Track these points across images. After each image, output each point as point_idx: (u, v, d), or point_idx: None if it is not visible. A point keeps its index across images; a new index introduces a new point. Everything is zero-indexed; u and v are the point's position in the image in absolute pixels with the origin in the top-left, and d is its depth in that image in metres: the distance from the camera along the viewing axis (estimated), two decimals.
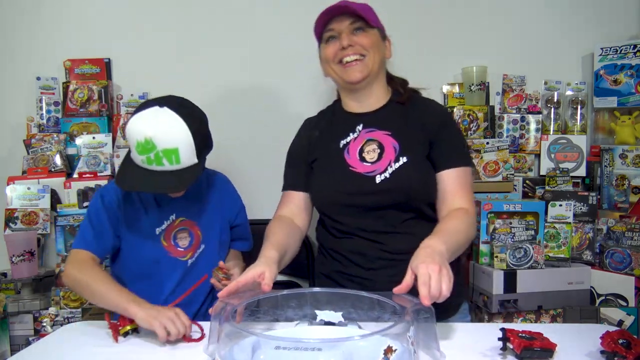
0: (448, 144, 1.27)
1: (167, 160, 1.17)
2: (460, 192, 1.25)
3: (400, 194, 1.22)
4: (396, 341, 0.79)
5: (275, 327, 1.03)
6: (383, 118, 1.31)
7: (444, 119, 1.31)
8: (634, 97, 1.80)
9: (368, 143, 1.28)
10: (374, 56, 1.27)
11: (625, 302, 1.67)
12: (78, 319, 1.68)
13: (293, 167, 1.41)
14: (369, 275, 1.26)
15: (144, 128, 1.16)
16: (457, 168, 1.26)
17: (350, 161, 1.28)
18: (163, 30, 1.91)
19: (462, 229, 1.18)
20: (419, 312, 0.87)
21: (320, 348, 0.74)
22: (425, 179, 1.24)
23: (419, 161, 1.25)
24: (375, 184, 1.23)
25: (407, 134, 1.27)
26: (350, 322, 0.99)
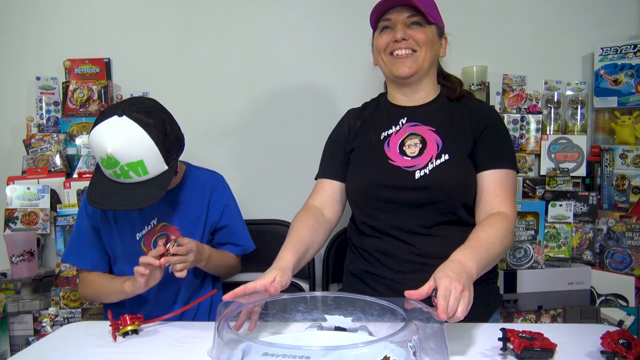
0: (493, 144, 1.23)
1: (134, 173, 1.14)
2: (501, 195, 1.19)
3: (439, 191, 1.19)
4: (396, 351, 0.76)
5: (284, 331, 1.03)
6: (428, 113, 1.28)
7: (492, 121, 1.26)
8: (634, 97, 1.79)
9: (410, 137, 1.26)
10: (426, 53, 1.25)
11: (626, 302, 1.67)
12: (78, 319, 1.68)
13: (330, 155, 1.39)
14: (397, 277, 1.23)
15: (104, 144, 1.12)
16: (500, 170, 1.21)
17: (390, 154, 1.25)
18: (163, 30, 1.91)
19: (497, 240, 1.10)
20: (429, 320, 0.85)
21: (308, 356, 0.71)
22: (465, 179, 1.21)
23: (461, 160, 1.21)
24: (414, 179, 1.20)
25: (451, 132, 1.24)
26: (361, 327, 0.97)
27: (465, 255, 1.01)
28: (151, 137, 1.13)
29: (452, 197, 1.20)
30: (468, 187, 1.22)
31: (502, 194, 1.19)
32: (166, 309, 1.28)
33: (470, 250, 1.03)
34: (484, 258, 1.04)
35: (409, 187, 1.20)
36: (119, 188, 1.16)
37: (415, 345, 0.79)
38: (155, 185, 1.17)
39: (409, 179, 1.21)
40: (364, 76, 1.89)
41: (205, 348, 0.95)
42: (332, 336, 0.98)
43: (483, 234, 1.11)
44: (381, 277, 1.26)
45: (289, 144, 1.92)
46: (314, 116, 1.91)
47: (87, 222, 1.33)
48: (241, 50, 1.91)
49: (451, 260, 0.99)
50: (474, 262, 1.00)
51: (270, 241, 1.88)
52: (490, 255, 1.07)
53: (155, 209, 1.32)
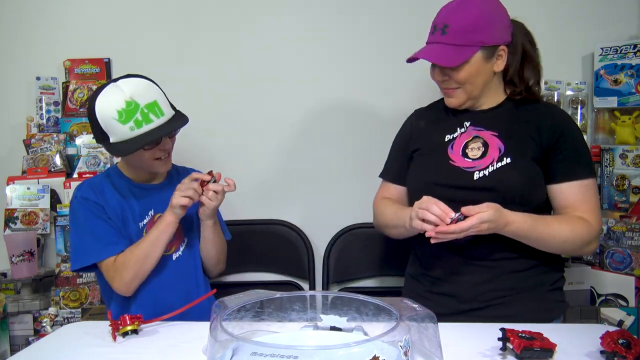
0: (569, 154, 1.21)
1: (153, 115, 1.22)
2: (583, 206, 1.19)
3: (497, 193, 1.18)
4: (386, 350, 0.75)
5: (279, 330, 1.03)
6: (492, 118, 1.27)
7: (565, 127, 1.23)
8: (634, 97, 1.79)
9: (474, 140, 1.26)
10: (472, 86, 1.23)
11: (626, 302, 1.66)
12: (78, 319, 1.68)
13: (394, 158, 1.43)
14: (451, 279, 1.25)
15: (118, 96, 1.20)
16: (580, 181, 1.20)
17: (452, 155, 1.26)
18: (163, 30, 1.91)
19: (563, 227, 1.16)
20: (423, 320, 0.85)
21: (297, 356, 0.71)
22: (527, 182, 1.19)
23: (524, 164, 1.20)
24: (472, 179, 1.21)
25: (515, 136, 1.23)
26: (356, 327, 0.97)
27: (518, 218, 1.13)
28: (152, 82, 1.27)
29: (510, 199, 1.18)
30: (530, 191, 1.20)
31: (585, 205, 1.19)
32: (166, 309, 1.29)
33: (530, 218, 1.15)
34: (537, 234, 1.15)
35: (467, 187, 1.21)
36: (144, 136, 1.22)
37: (407, 345, 0.79)
38: (174, 122, 1.27)
39: (468, 179, 1.21)
40: (363, 77, 1.90)
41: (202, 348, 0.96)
42: (326, 336, 0.98)
43: (547, 217, 1.20)
44: (435, 278, 1.28)
45: (290, 144, 1.92)
46: (315, 116, 1.91)
47: (91, 215, 1.29)
48: (241, 50, 1.91)
49: (504, 212, 1.11)
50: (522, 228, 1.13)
51: (270, 241, 1.89)
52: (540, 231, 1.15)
53: (151, 201, 1.35)
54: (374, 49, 1.88)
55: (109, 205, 1.31)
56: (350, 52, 1.89)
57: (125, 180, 1.36)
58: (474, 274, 1.22)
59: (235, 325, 0.89)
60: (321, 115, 1.91)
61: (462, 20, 1.17)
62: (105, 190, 1.33)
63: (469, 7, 1.18)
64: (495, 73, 1.25)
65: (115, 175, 1.37)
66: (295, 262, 1.86)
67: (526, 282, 1.23)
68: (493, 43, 1.20)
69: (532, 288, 1.23)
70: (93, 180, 1.38)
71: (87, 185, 1.34)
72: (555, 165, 1.21)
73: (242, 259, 1.83)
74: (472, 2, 1.19)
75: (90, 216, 1.29)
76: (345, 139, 1.91)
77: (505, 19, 1.24)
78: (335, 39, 1.90)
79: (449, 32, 1.18)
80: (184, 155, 1.65)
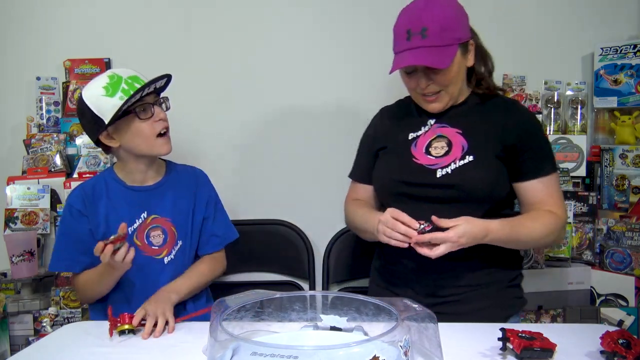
0: (535, 152, 1.24)
1: (137, 84, 1.26)
2: (549, 200, 1.23)
3: (460, 190, 1.20)
4: (386, 350, 0.75)
5: (279, 330, 1.03)
6: (457, 115, 1.29)
7: (529, 126, 1.26)
8: (634, 97, 1.79)
9: (438, 139, 1.27)
10: (454, 86, 1.24)
11: (625, 302, 1.67)
12: (78, 319, 1.68)
13: (361, 157, 1.45)
14: (413, 276, 1.27)
15: (101, 77, 1.25)
16: (546, 177, 1.23)
17: (415, 153, 1.27)
18: (163, 31, 1.91)
19: (536, 226, 1.19)
20: (423, 320, 0.85)
21: (297, 356, 0.71)
22: (490, 180, 1.21)
23: (486, 162, 1.22)
24: (435, 177, 1.22)
25: (478, 134, 1.24)
26: (356, 327, 0.98)
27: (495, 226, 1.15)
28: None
29: (475, 197, 1.21)
30: (492, 189, 1.22)
31: (551, 199, 1.24)
32: None
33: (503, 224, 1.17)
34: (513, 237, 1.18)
35: (430, 184, 1.22)
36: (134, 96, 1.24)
37: (407, 344, 0.79)
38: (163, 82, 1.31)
39: (431, 177, 1.23)
40: (364, 77, 1.90)
41: (202, 348, 0.96)
42: (326, 336, 0.98)
43: (522, 218, 1.22)
44: (399, 273, 1.30)
45: (290, 144, 1.92)
46: (315, 116, 1.91)
47: (72, 225, 1.32)
48: (242, 50, 1.91)
49: (478, 224, 1.12)
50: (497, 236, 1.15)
51: (270, 241, 1.89)
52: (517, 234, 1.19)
53: (143, 203, 1.33)
54: (373, 49, 1.88)
55: (95, 214, 1.32)
56: (351, 52, 1.89)
57: (119, 184, 1.35)
58: (434, 271, 1.24)
59: (235, 325, 0.89)
60: (321, 115, 1.91)
61: (439, 21, 1.16)
62: (96, 196, 1.33)
63: (441, 7, 1.18)
64: (467, 68, 1.27)
65: (109, 179, 1.36)
66: (295, 262, 1.86)
67: (485, 279, 1.26)
68: (466, 38, 1.23)
69: (491, 285, 1.26)
70: (87, 184, 1.37)
71: (78, 191, 1.35)
72: (522, 163, 1.24)
73: (242, 259, 1.83)
74: (438, 2, 1.19)
75: (66, 224, 1.34)
76: (346, 139, 1.90)
77: (466, 14, 1.26)
78: (335, 38, 1.90)
79: (430, 35, 1.16)
80: (183, 155, 1.65)
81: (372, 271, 1.44)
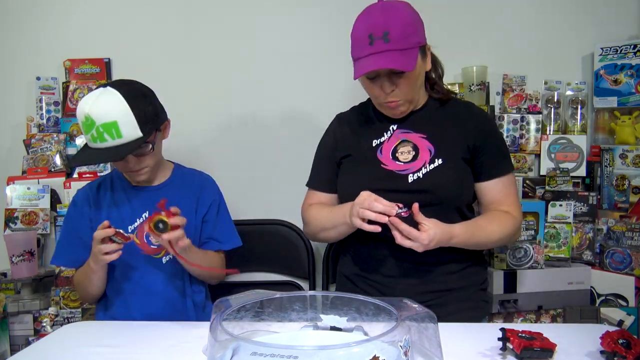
0: (492, 154, 1.26)
1: (108, 135, 1.19)
2: (506, 200, 1.26)
3: (432, 194, 1.20)
4: (386, 350, 0.75)
5: (279, 330, 1.03)
6: (418, 120, 1.29)
7: (488, 127, 1.29)
8: (634, 97, 1.79)
9: (402, 144, 1.27)
10: (415, 90, 1.24)
11: (625, 302, 1.67)
12: (78, 319, 1.68)
13: (318, 164, 1.43)
14: (388, 282, 1.27)
15: (84, 107, 1.20)
16: (504, 177, 1.26)
17: (382, 159, 1.26)
18: (163, 30, 1.91)
19: (494, 229, 1.22)
20: (423, 320, 0.86)
21: (297, 356, 0.71)
22: (460, 182, 1.24)
23: (455, 164, 1.24)
24: (407, 182, 1.22)
25: (443, 137, 1.25)
26: (356, 327, 0.98)
27: (457, 230, 1.17)
28: (127, 101, 1.20)
29: (447, 200, 1.22)
30: (462, 191, 1.25)
31: (508, 199, 1.27)
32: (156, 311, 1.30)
33: (465, 227, 1.19)
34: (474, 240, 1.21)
35: (401, 190, 1.22)
36: (95, 152, 1.22)
37: (407, 344, 0.79)
38: (129, 148, 1.22)
39: (402, 182, 1.22)
40: None
41: (202, 348, 0.96)
42: (326, 336, 0.98)
43: (480, 220, 1.25)
44: (372, 280, 1.29)
45: (290, 144, 1.92)
46: (315, 116, 1.91)
47: (74, 219, 1.35)
48: (242, 50, 1.91)
49: (444, 228, 1.14)
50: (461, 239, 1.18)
51: (270, 241, 1.89)
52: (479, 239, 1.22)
53: (146, 202, 1.34)
54: None
55: (98, 211, 1.34)
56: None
57: (124, 182, 1.37)
58: (410, 277, 1.25)
59: (235, 325, 0.89)
60: (322, 116, 1.91)
61: (400, 25, 1.15)
62: (100, 194, 1.37)
63: (400, 11, 1.17)
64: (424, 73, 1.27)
65: (116, 177, 1.39)
66: (295, 262, 1.86)
67: (458, 283, 1.28)
68: (425, 42, 1.23)
69: (463, 288, 1.29)
70: (94, 182, 1.42)
71: (85, 189, 1.39)
72: (482, 164, 1.26)
73: (242, 259, 1.82)
74: (398, 6, 1.18)
75: (71, 221, 1.37)
76: None
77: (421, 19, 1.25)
78: (335, 38, 1.90)
79: (392, 39, 1.14)
80: (183, 155, 1.66)
81: (340, 278, 1.41)
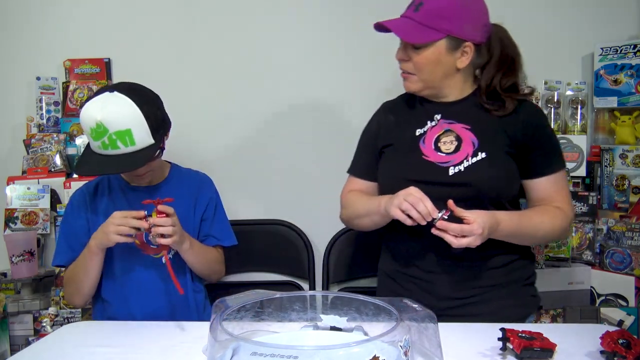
0: (545, 149, 1.23)
1: (121, 143, 1.18)
2: (557, 197, 1.22)
3: (473, 188, 1.18)
4: (386, 350, 0.75)
5: (279, 330, 1.03)
6: (463, 111, 1.25)
7: (538, 121, 1.24)
8: (634, 97, 1.79)
9: (446, 133, 1.24)
10: (429, 75, 1.22)
11: (625, 302, 1.67)
12: (78, 319, 1.68)
13: (361, 153, 1.42)
14: (428, 277, 1.24)
15: (94, 113, 1.16)
16: (553, 174, 1.22)
17: (424, 150, 1.24)
18: (163, 30, 1.91)
19: (543, 220, 1.18)
20: (423, 320, 0.85)
21: (297, 356, 0.71)
22: (502, 177, 1.20)
23: (499, 158, 1.20)
24: (447, 175, 1.19)
25: (488, 130, 1.22)
26: (356, 327, 0.97)
27: (504, 218, 1.14)
28: (140, 108, 1.18)
29: (487, 195, 1.18)
30: (504, 186, 1.21)
31: (559, 196, 1.23)
32: (154, 310, 1.30)
33: (513, 216, 1.17)
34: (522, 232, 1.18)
35: (442, 182, 1.19)
36: (106, 160, 1.19)
37: (407, 344, 0.78)
38: (142, 155, 1.21)
39: (443, 175, 1.20)
40: (363, 76, 1.89)
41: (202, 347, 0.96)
42: (326, 336, 0.98)
43: (530, 213, 1.22)
44: (412, 277, 1.27)
45: (291, 144, 1.92)
46: (315, 117, 1.91)
47: (71, 219, 1.34)
48: (242, 50, 1.91)
49: (491, 215, 1.11)
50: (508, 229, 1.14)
51: (270, 241, 1.89)
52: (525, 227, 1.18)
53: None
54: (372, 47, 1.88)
55: (95, 211, 1.33)
56: (349, 50, 1.89)
57: (121, 182, 1.36)
58: (452, 273, 1.22)
59: (235, 325, 0.89)
60: (322, 116, 1.91)
61: (436, 3, 1.17)
62: (98, 194, 1.36)
63: None
64: (458, 69, 1.23)
65: (113, 177, 1.38)
66: (295, 262, 1.86)
67: (503, 279, 1.24)
68: (460, 36, 1.19)
69: (509, 284, 1.25)
70: (92, 182, 1.40)
71: (82, 189, 1.38)
72: (532, 161, 1.22)
73: (242, 259, 1.83)
74: None
75: (66, 219, 1.36)
76: (346, 139, 1.90)
77: (482, 19, 1.23)
78: (334, 37, 1.90)
79: (421, 11, 1.17)
80: (183, 155, 1.66)
81: (381, 276, 1.39)
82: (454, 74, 1.24)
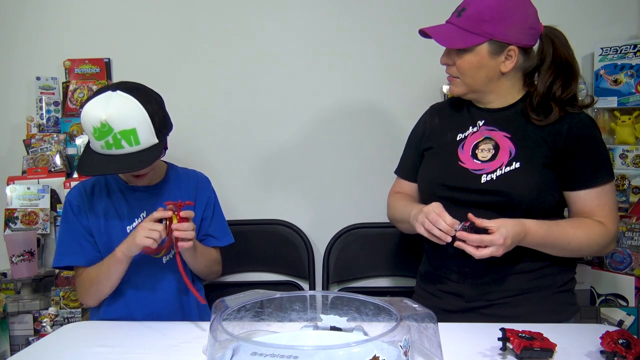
0: (588, 161, 1.17)
1: (126, 142, 1.17)
2: (600, 211, 1.17)
3: (504, 197, 1.16)
4: (386, 350, 0.75)
5: (279, 330, 1.03)
6: (505, 118, 1.24)
7: (583, 132, 1.18)
8: (634, 97, 1.79)
9: (485, 141, 1.24)
10: (472, 79, 1.21)
11: (625, 302, 1.66)
12: (78, 319, 1.68)
13: (407, 154, 1.44)
14: (457, 279, 1.25)
15: (97, 112, 1.15)
16: (597, 187, 1.17)
17: (462, 156, 1.25)
18: (163, 30, 1.91)
19: (578, 233, 1.14)
20: (423, 320, 0.86)
21: (297, 356, 0.71)
22: (535, 188, 1.17)
23: (534, 169, 1.17)
24: (479, 182, 1.19)
25: (528, 139, 1.20)
26: (356, 327, 0.98)
27: (533, 226, 1.12)
28: (144, 107, 1.18)
29: (519, 205, 1.16)
30: (537, 197, 1.17)
31: (602, 210, 1.17)
32: (155, 310, 1.30)
33: (541, 225, 1.13)
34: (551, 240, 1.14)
35: (473, 189, 1.20)
36: (109, 159, 1.18)
37: (407, 344, 0.79)
38: (146, 155, 1.20)
39: (475, 182, 1.20)
40: (363, 78, 1.89)
41: (202, 347, 0.96)
42: (326, 336, 0.98)
43: (562, 222, 1.19)
44: (444, 278, 1.28)
45: (290, 144, 1.92)
46: (316, 116, 1.91)
47: (74, 221, 1.32)
48: (242, 50, 1.91)
49: (517, 222, 1.10)
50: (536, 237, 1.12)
51: (270, 241, 1.89)
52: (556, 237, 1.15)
53: (143, 202, 1.33)
54: (375, 50, 1.88)
55: (93, 211, 1.32)
56: (351, 52, 1.89)
57: (120, 183, 1.35)
58: (482, 275, 1.22)
59: (235, 325, 0.89)
60: (321, 116, 1.91)
61: (478, 8, 1.16)
62: (95, 194, 1.34)
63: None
64: (503, 73, 1.20)
65: (110, 178, 1.36)
66: (295, 262, 1.86)
67: (534, 283, 1.21)
68: (503, 39, 1.16)
69: (540, 289, 1.22)
70: (87, 182, 1.38)
71: (78, 187, 1.36)
72: (573, 172, 1.18)
73: (242, 259, 1.83)
74: None
75: (68, 221, 1.33)
76: (346, 140, 1.91)
77: (529, 20, 1.18)
78: (335, 39, 1.90)
79: (464, 16, 1.18)
80: (183, 155, 1.65)
81: (418, 277, 1.41)
82: (499, 78, 1.22)
